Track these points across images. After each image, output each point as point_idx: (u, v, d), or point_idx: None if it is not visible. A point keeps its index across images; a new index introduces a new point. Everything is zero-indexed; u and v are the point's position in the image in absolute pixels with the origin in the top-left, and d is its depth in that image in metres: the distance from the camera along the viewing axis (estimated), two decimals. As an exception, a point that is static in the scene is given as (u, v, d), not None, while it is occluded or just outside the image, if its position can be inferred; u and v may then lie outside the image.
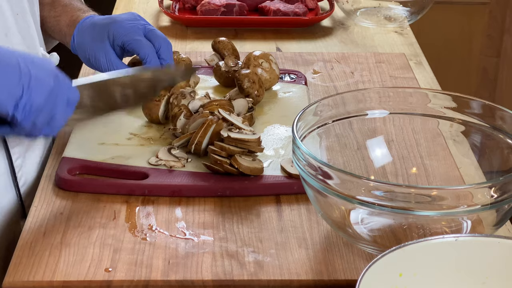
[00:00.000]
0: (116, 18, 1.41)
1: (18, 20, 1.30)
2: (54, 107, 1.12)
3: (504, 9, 3.04)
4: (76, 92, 1.16)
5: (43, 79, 1.10)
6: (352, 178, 1.03)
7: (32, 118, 1.10)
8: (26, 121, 1.10)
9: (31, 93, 1.09)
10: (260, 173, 1.25)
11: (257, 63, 1.49)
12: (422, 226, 1.10)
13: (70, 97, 1.14)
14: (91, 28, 1.41)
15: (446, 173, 1.27)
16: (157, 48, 1.39)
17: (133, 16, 1.42)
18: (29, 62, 1.10)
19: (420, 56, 1.77)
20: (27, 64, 1.09)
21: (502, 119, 1.18)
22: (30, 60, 1.11)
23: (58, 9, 1.48)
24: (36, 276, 1.07)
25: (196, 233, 1.16)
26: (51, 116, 1.12)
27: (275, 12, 1.90)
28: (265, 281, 1.07)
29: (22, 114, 1.09)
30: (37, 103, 1.10)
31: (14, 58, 1.09)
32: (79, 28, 1.43)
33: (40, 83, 1.10)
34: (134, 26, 1.40)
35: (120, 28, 1.39)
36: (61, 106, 1.13)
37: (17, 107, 1.08)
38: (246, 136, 1.25)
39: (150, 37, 1.40)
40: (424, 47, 1.85)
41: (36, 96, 1.09)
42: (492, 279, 0.95)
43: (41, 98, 1.10)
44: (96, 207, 1.21)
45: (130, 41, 1.38)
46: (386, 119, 1.26)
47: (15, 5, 1.29)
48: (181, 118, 1.33)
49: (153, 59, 1.38)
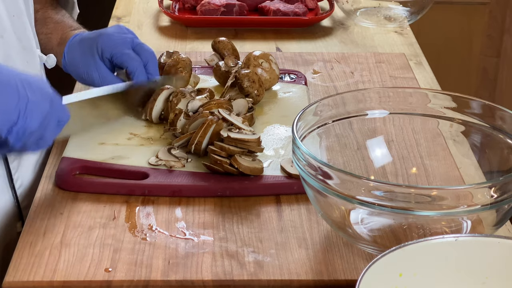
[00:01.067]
0: (103, 31, 1.42)
1: (14, 22, 1.30)
2: (45, 130, 1.13)
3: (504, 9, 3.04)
4: (67, 114, 1.17)
5: (39, 104, 1.11)
6: (352, 178, 1.03)
7: (23, 141, 1.11)
8: (17, 144, 1.11)
9: (27, 118, 1.09)
10: (260, 173, 1.25)
11: (257, 63, 1.49)
12: (422, 226, 1.10)
13: (61, 118, 1.15)
14: (80, 44, 1.42)
15: (446, 173, 1.27)
16: (145, 62, 1.40)
17: (121, 29, 1.42)
18: (27, 85, 1.10)
19: (420, 56, 1.77)
20: (25, 86, 1.10)
21: (502, 119, 1.18)
22: (28, 82, 1.11)
23: (50, 26, 1.47)
24: (36, 276, 1.07)
25: (196, 233, 1.16)
26: (41, 137, 1.13)
27: (275, 12, 1.90)
28: (265, 281, 1.07)
29: (15, 138, 1.10)
30: (31, 128, 1.10)
31: (13, 79, 1.09)
32: (69, 46, 1.43)
33: (36, 108, 1.10)
34: (123, 39, 1.40)
35: (108, 41, 1.39)
36: (51, 128, 1.14)
37: (10, 132, 1.09)
38: (246, 136, 1.25)
39: (138, 50, 1.40)
40: (424, 47, 1.85)
41: (31, 121, 1.10)
42: (492, 279, 0.95)
43: (36, 124, 1.11)
44: (96, 207, 1.21)
45: (119, 54, 1.39)
46: (386, 119, 1.26)
47: (11, 6, 1.29)
48: (181, 118, 1.33)
49: (141, 73, 1.38)
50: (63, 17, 1.50)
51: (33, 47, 1.35)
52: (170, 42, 1.81)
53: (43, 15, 1.47)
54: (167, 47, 1.76)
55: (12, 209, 1.29)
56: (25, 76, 1.12)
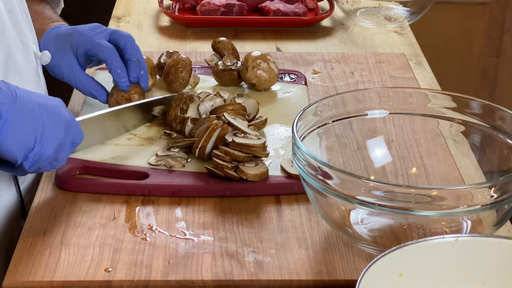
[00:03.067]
0: (78, 28, 1.43)
1: (11, 18, 1.30)
2: (60, 153, 1.15)
3: (504, 9, 3.04)
4: (81, 135, 1.20)
5: (55, 130, 1.13)
6: (352, 178, 1.03)
7: (38, 165, 1.13)
8: (32, 168, 1.13)
9: (43, 145, 1.12)
10: (266, 176, 1.25)
11: (255, 63, 1.49)
12: (422, 226, 1.10)
13: (75, 140, 1.18)
14: (56, 39, 1.43)
15: (446, 173, 1.27)
16: (123, 46, 1.40)
17: (96, 25, 1.44)
18: (44, 110, 1.12)
19: (420, 56, 1.77)
20: (42, 111, 1.12)
21: (502, 119, 1.18)
22: (45, 107, 1.12)
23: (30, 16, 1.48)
24: (36, 276, 1.07)
25: (196, 233, 1.16)
26: (55, 159, 1.15)
27: (275, 12, 1.90)
28: (265, 281, 1.07)
29: (30, 164, 1.12)
30: (47, 154, 1.13)
31: (31, 104, 1.11)
32: (45, 38, 1.45)
33: (52, 135, 1.13)
34: (96, 32, 1.42)
35: (81, 36, 1.41)
36: (65, 151, 1.17)
37: (26, 158, 1.11)
38: (251, 141, 1.25)
39: (114, 38, 1.42)
40: (424, 47, 1.85)
41: (47, 148, 1.12)
42: (492, 279, 0.95)
43: (51, 150, 1.13)
44: (96, 207, 1.21)
45: (91, 46, 1.40)
46: (386, 119, 1.26)
47: (7, 2, 1.30)
48: (189, 124, 1.32)
49: (113, 60, 1.39)
50: (44, 8, 1.52)
51: (29, 43, 1.35)
52: (170, 42, 1.81)
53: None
54: (167, 47, 1.77)
55: (16, 205, 1.30)
56: (43, 100, 1.14)
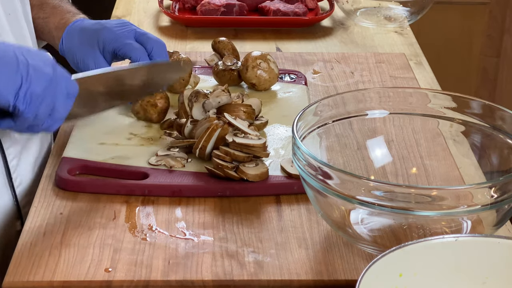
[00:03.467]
0: (105, 24, 1.41)
1: (10, 20, 1.30)
2: (55, 98, 1.13)
3: (504, 9, 3.04)
4: (75, 85, 1.17)
5: (41, 68, 1.11)
6: (352, 178, 1.03)
7: (34, 108, 1.11)
8: (28, 111, 1.11)
9: (31, 81, 1.10)
10: (266, 176, 1.25)
11: (255, 63, 1.49)
12: (422, 226, 1.10)
13: (69, 89, 1.15)
14: (80, 33, 1.41)
15: (446, 173, 1.27)
16: (149, 51, 1.39)
17: (123, 22, 1.42)
18: (26, 53, 1.11)
19: (420, 56, 1.77)
20: (24, 54, 1.10)
21: (502, 119, 1.18)
22: (27, 50, 1.11)
23: (47, 11, 1.47)
24: (36, 276, 1.07)
25: (196, 233, 1.16)
26: (52, 107, 1.13)
27: (275, 12, 1.90)
28: (265, 281, 1.07)
29: (24, 104, 1.10)
30: (37, 91, 1.10)
31: (10, 50, 1.10)
32: (68, 31, 1.42)
33: (39, 72, 1.10)
34: (124, 31, 1.40)
35: (110, 34, 1.39)
36: (61, 98, 1.14)
37: (17, 96, 1.09)
38: (251, 141, 1.25)
39: (142, 40, 1.40)
40: (424, 47, 1.85)
41: (35, 84, 1.10)
42: (492, 279, 0.95)
43: (41, 87, 1.11)
44: (96, 207, 1.21)
45: (121, 46, 1.38)
46: (386, 119, 1.26)
47: (7, 5, 1.29)
48: (188, 124, 1.32)
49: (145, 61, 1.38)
50: (61, 1, 1.50)
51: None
52: (170, 42, 1.81)
53: (39, 0, 1.47)
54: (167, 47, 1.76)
55: (11, 208, 1.29)
56: (23, 46, 1.12)
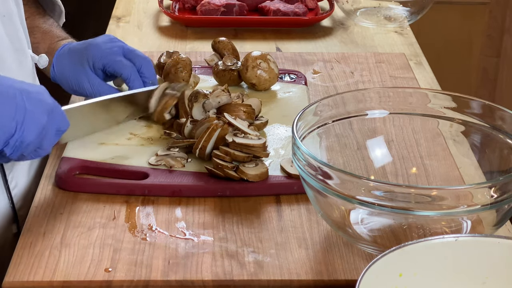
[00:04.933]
0: (92, 41, 1.41)
1: (5, 22, 1.29)
2: (43, 140, 1.14)
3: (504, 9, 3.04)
4: (66, 123, 1.17)
5: (37, 116, 1.11)
6: (352, 178, 1.03)
7: (21, 151, 1.12)
8: (14, 155, 1.12)
9: (24, 131, 1.10)
10: (266, 176, 1.25)
11: (255, 63, 1.49)
12: (422, 226, 1.10)
13: (59, 127, 1.16)
14: (69, 54, 1.41)
15: (446, 173, 1.27)
16: (138, 67, 1.40)
17: (109, 38, 1.42)
18: (26, 96, 1.10)
19: (420, 56, 1.77)
20: (24, 97, 1.10)
21: (502, 119, 1.18)
22: (28, 93, 1.11)
23: (37, 36, 1.46)
24: (36, 276, 1.07)
25: (196, 233, 1.16)
26: (39, 146, 1.14)
27: (275, 12, 1.90)
28: (265, 281, 1.07)
29: (11, 150, 1.11)
30: (28, 140, 1.11)
31: (12, 90, 1.09)
32: (57, 56, 1.42)
33: (34, 120, 1.11)
34: (112, 47, 1.40)
35: (98, 51, 1.39)
36: (50, 138, 1.15)
37: (7, 144, 1.10)
38: (251, 141, 1.25)
39: (130, 57, 1.40)
40: (424, 47, 1.85)
41: (28, 133, 1.10)
42: (492, 279, 0.95)
43: (33, 136, 1.11)
44: (96, 207, 1.21)
45: (111, 62, 1.38)
46: (386, 119, 1.26)
47: (2, 7, 1.29)
48: (188, 124, 1.32)
49: (135, 78, 1.39)
50: (51, 26, 1.49)
51: (24, 48, 1.34)
52: (170, 42, 1.81)
53: (30, 24, 1.46)
54: (167, 47, 1.77)
55: (7, 211, 1.29)
56: (25, 86, 1.12)
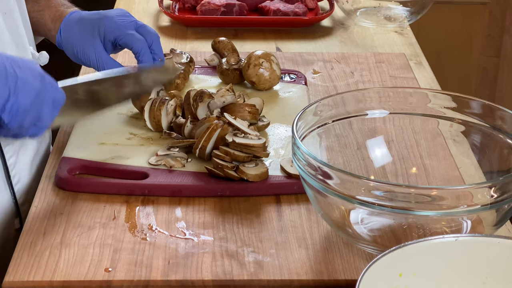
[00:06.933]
0: (106, 13, 1.42)
1: (6, 19, 1.29)
2: (41, 108, 1.13)
3: (504, 9, 3.04)
4: (62, 93, 1.17)
5: (29, 81, 1.11)
6: (352, 178, 1.03)
7: (19, 119, 1.11)
8: (13, 122, 1.11)
9: (18, 95, 1.09)
10: (266, 176, 1.25)
11: (258, 62, 1.50)
12: (422, 226, 1.10)
13: (56, 98, 1.15)
14: (79, 23, 1.41)
15: (446, 173, 1.27)
16: (149, 43, 1.40)
17: (123, 12, 1.43)
18: (15, 64, 1.10)
19: (420, 56, 1.77)
20: (13, 66, 1.10)
21: (502, 119, 1.18)
22: (16, 62, 1.11)
23: (41, 4, 1.47)
24: (36, 276, 1.07)
25: (196, 233, 1.16)
26: (38, 117, 1.13)
27: (275, 12, 1.90)
28: (265, 281, 1.07)
29: (9, 116, 1.10)
30: (24, 105, 1.10)
31: (0, 61, 1.09)
32: (66, 22, 1.43)
33: (27, 85, 1.10)
34: (125, 21, 1.41)
35: (111, 23, 1.40)
36: (47, 107, 1.14)
37: (3, 109, 1.09)
38: (251, 141, 1.25)
39: (142, 32, 1.41)
40: (424, 47, 1.85)
41: (23, 98, 1.10)
42: (492, 279, 0.95)
43: (28, 100, 1.10)
44: (96, 207, 1.21)
45: (123, 35, 1.39)
46: (386, 119, 1.26)
47: (3, 4, 1.29)
48: (188, 124, 1.32)
49: (146, 53, 1.39)
50: None
51: (26, 45, 1.35)
52: (170, 42, 1.81)
53: None
54: (167, 47, 1.76)
55: (10, 206, 1.29)
56: (14, 57, 1.12)
